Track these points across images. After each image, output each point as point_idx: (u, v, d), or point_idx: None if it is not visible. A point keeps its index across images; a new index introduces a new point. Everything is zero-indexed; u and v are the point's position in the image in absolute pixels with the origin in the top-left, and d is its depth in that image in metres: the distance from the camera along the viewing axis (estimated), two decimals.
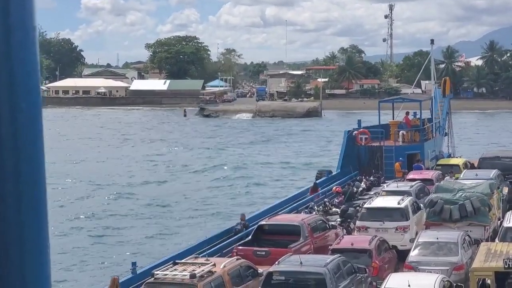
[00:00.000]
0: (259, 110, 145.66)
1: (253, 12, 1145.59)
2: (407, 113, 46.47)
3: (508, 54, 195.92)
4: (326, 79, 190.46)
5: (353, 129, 45.42)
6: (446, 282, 18.65)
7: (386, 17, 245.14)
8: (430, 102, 50.40)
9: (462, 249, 22.07)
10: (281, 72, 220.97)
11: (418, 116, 46.67)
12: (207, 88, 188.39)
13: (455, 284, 19.30)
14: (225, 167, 69.31)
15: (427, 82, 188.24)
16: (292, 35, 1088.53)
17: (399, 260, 23.85)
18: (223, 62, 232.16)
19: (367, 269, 21.20)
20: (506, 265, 18.48)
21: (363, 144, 42.95)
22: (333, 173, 42.23)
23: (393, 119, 47.39)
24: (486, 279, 18.90)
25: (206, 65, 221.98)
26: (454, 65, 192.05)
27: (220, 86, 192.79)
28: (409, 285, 17.58)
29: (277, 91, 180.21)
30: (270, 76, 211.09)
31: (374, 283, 21.23)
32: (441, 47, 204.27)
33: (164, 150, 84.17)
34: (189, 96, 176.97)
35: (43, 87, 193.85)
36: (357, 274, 20.55)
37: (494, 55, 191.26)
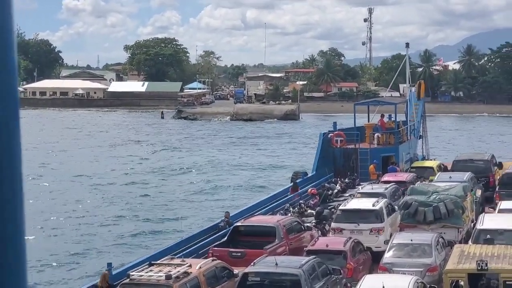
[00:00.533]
0: (237, 113, 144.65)
1: (234, 15, 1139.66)
2: (382, 116, 46.73)
3: (486, 58, 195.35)
4: (305, 82, 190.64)
5: (329, 131, 45.64)
6: (420, 284, 18.80)
7: (365, 20, 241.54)
8: (405, 105, 50.72)
9: (435, 251, 22.24)
10: (260, 74, 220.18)
11: (393, 119, 46.96)
12: (185, 90, 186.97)
13: (428, 286, 19.47)
14: (196, 169, 68.95)
15: (405, 85, 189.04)
16: (273, 38, 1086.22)
17: (374, 261, 24.00)
18: (202, 64, 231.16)
19: (341, 271, 21.31)
20: (479, 267, 18.67)
21: (338, 146, 43.14)
22: (309, 175, 42.39)
23: (368, 121, 47.64)
24: (459, 280, 19.08)
25: (185, 67, 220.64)
26: (431, 68, 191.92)
27: (199, 88, 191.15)
28: (383, 287, 17.70)
29: (255, 94, 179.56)
30: (249, 79, 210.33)
31: (349, 285, 21.33)
32: (419, 51, 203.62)
33: (137, 152, 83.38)
34: (168, 98, 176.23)
35: (20, 88, 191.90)
36: (332, 276, 20.65)
37: (472, 59, 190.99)
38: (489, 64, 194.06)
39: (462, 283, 19.00)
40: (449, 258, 20.49)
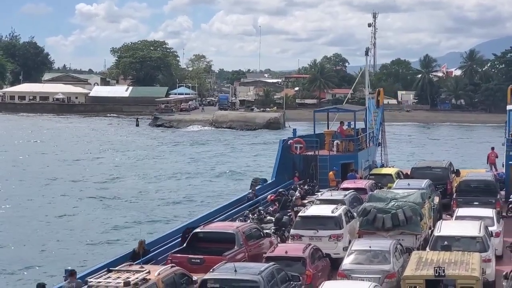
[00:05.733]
0: (216, 121, 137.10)
1: (245, 21, 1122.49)
2: (342, 123, 46.94)
3: (489, 64, 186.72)
4: (297, 88, 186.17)
5: (288, 138, 45.83)
6: None
7: (369, 25, 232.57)
8: (364, 113, 51.07)
9: (394, 258, 22.36)
10: (257, 80, 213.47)
11: (352, 126, 47.20)
12: (170, 96, 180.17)
13: None
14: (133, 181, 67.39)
15: (403, 92, 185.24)
16: (285, 44, 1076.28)
17: (333, 268, 24.06)
18: (190, 68, 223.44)
19: (300, 277, 21.34)
20: (436, 273, 18.83)
21: (298, 153, 43.23)
22: (268, 182, 42.42)
23: (328, 128, 47.84)
24: (417, 287, 19.21)
25: (175, 71, 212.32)
26: (431, 75, 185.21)
27: (185, 94, 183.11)
28: None
29: (244, 100, 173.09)
30: (242, 84, 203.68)
31: None
32: (432, 57, 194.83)
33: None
34: (152, 104, 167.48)
35: None
36: (291, 282, 20.66)
37: (474, 65, 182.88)
38: (493, 70, 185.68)
39: None
40: (407, 264, 20.64)
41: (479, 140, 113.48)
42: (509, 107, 45.93)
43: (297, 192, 36.74)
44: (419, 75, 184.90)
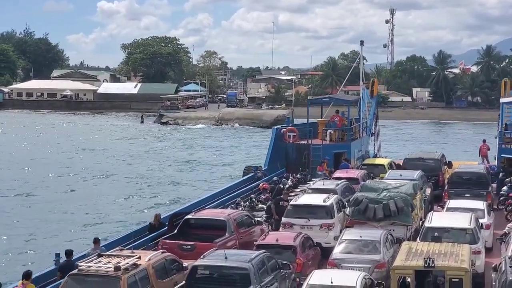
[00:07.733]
0: (222, 118, 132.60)
1: (266, 18, 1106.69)
2: (337, 112, 46.95)
3: (507, 60, 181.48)
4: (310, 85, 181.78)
5: (282, 126, 45.88)
6: (367, 280, 18.93)
7: (387, 22, 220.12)
8: (358, 103, 51.12)
9: (384, 248, 22.40)
10: (270, 76, 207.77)
11: (346, 116, 47.23)
12: (180, 93, 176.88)
13: (376, 282, 19.61)
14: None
15: (418, 89, 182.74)
16: (305, 41, 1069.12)
17: (323, 257, 24.11)
18: (201, 65, 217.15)
19: (291, 265, 21.38)
20: (426, 264, 18.87)
21: (291, 141, 43.27)
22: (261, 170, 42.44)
23: (322, 118, 47.85)
24: (407, 277, 19.27)
25: (186, 67, 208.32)
26: (447, 71, 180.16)
27: (193, 90, 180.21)
28: (331, 282, 17.78)
29: (255, 97, 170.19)
30: (254, 81, 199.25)
31: (298, 279, 21.41)
32: (453, 55, 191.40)
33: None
34: (160, 101, 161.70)
35: (5, 89, 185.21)
36: (281, 270, 20.69)
37: (491, 62, 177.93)
38: (511, 67, 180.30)
39: (409, 279, 19.19)
40: (397, 255, 20.69)
41: (490, 138, 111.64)
42: (502, 100, 46.06)
43: (289, 181, 36.84)
44: (434, 72, 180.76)
